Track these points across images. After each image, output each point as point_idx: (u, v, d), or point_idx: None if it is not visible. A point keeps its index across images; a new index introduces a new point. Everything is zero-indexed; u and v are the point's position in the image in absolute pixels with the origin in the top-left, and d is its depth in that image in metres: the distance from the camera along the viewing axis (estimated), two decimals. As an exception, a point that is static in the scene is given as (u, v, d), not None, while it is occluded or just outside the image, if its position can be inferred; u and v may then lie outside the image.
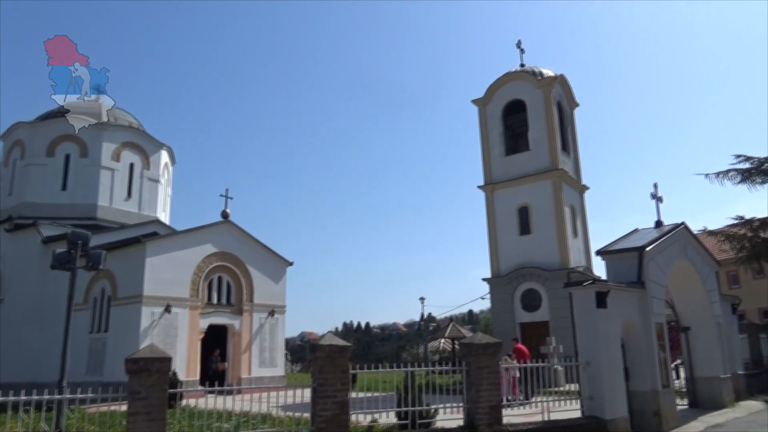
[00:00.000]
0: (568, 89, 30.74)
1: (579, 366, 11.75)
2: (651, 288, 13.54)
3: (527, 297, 26.24)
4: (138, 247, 23.38)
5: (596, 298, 11.89)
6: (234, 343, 25.64)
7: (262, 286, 27.16)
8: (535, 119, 28.14)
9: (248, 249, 27.00)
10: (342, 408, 8.46)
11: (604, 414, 11.25)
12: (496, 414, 9.73)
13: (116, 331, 23.36)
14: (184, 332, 23.54)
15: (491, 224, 28.04)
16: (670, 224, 16.28)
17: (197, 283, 24.49)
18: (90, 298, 25.15)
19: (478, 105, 30.11)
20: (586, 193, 29.94)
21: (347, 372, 8.71)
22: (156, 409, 7.22)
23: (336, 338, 9.02)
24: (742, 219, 29.37)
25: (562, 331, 21.33)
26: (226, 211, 26.39)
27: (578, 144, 30.85)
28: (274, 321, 27.36)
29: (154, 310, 22.73)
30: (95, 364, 23.78)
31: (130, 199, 31.92)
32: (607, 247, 14.46)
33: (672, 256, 15.18)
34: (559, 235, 26.07)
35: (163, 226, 30.72)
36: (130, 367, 7.22)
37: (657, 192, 16.93)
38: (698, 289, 16.50)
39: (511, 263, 26.89)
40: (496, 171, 28.58)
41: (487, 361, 9.92)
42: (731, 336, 18.50)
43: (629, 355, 12.86)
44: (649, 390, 12.62)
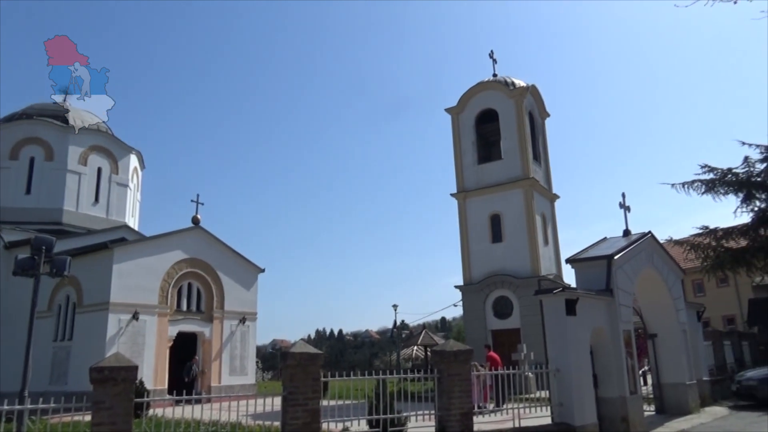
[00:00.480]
0: (540, 99, 31.24)
1: (549, 373, 11.86)
2: (619, 296, 13.77)
3: (499, 304, 26.46)
4: (105, 253, 22.87)
5: (566, 306, 12.03)
6: (204, 351, 25.23)
7: (233, 292, 26.82)
8: (507, 129, 28.50)
9: (219, 255, 26.65)
10: (313, 416, 8.38)
11: (573, 420, 11.37)
12: (467, 421, 9.75)
13: (81, 339, 22.78)
14: (152, 340, 23.07)
15: (463, 232, 28.24)
16: (638, 233, 16.61)
17: (166, 289, 24.05)
18: (54, 305, 24.50)
19: (452, 114, 30.37)
20: (556, 201, 30.40)
21: (318, 380, 8.64)
22: (121, 419, 7.04)
23: (307, 346, 8.93)
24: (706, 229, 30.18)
25: (533, 338, 21.55)
26: (196, 217, 26.02)
27: (549, 153, 31.35)
28: (245, 328, 27.01)
29: (121, 317, 22.24)
30: (59, 373, 23.14)
31: (97, 204, 31.25)
32: (576, 256, 14.67)
33: (639, 265, 15.48)
34: (530, 243, 26.39)
35: (131, 231, 30.12)
36: (94, 376, 7.03)
37: (625, 201, 17.28)
38: (665, 297, 16.84)
39: (483, 271, 27.10)
40: (469, 179, 28.83)
41: (458, 368, 9.95)
42: (696, 343, 18.92)
43: (598, 362, 13.03)
44: (618, 396, 12.80)
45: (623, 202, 17.25)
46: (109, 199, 31.77)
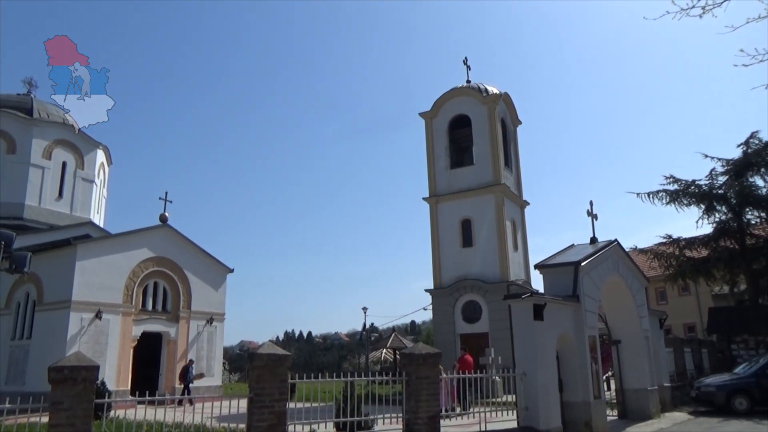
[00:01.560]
0: (512, 107, 31.62)
1: (516, 377, 11.98)
2: (585, 302, 14.00)
3: (468, 308, 26.63)
4: (68, 249, 22.28)
5: (534, 311, 12.18)
6: (168, 352, 24.76)
7: (201, 292, 26.41)
8: (480, 134, 28.75)
9: (187, 254, 26.21)
10: (279, 418, 8.28)
11: (539, 424, 11.50)
12: (434, 424, 9.77)
13: (41, 337, 22.13)
14: (115, 340, 22.55)
15: (434, 236, 28.36)
16: (604, 241, 16.92)
17: (131, 288, 23.55)
18: (12, 302, 23.77)
19: (425, 118, 30.50)
20: (526, 208, 30.78)
21: (286, 381, 8.55)
22: (80, 420, 6.85)
23: (275, 347, 8.84)
24: (670, 238, 30.99)
25: (501, 342, 21.73)
26: (164, 215, 25.56)
27: (520, 160, 31.74)
28: (213, 329, 26.62)
29: (83, 316, 21.68)
30: (16, 372, 22.45)
31: (61, 200, 30.43)
32: (544, 262, 14.87)
33: (605, 272, 15.77)
34: (500, 248, 26.64)
35: (96, 228, 29.37)
36: (53, 376, 6.82)
37: (592, 209, 17.57)
38: (629, 304, 17.18)
39: (452, 275, 27.25)
40: (441, 184, 28.99)
41: (427, 371, 9.96)
42: (658, 349, 19.33)
43: (563, 366, 13.22)
44: (582, 401, 13.00)
45: (591, 210, 17.54)
46: (73, 194, 30.96)
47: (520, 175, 31.31)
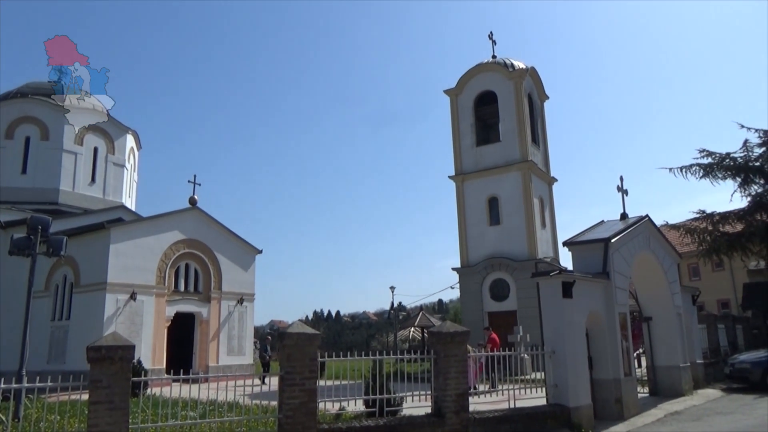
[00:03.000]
0: (539, 82, 31.04)
1: (544, 355, 11.94)
2: (615, 279, 13.82)
3: (496, 287, 26.57)
4: (102, 233, 22.86)
5: (562, 288, 12.06)
6: (201, 331, 25.36)
7: (231, 273, 26.89)
8: (506, 111, 28.36)
9: (216, 236, 26.66)
10: (310, 396, 8.42)
11: (568, 402, 11.47)
12: (463, 402, 9.81)
13: (79, 318, 22.87)
14: (149, 320, 23.18)
15: (461, 214, 28.25)
16: (635, 216, 16.62)
17: (164, 270, 24.10)
18: (51, 285, 24.54)
19: (450, 95, 30.18)
20: (554, 184, 30.38)
21: (315, 360, 8.66)
22: (119, 397, 7.06)
23: (304, 326, 8.95)
24: (703, 213, 30.27)
25: (529, 320, 21.67)
26: (193, 198, 25.98)
27: (547, 136, 31.24)
28: (243, 309, 27.14)
29: (118, 297, 22.31)
30: (57, 352, 23.27)
31: (93, 184, 31.14)
32: (573, 239, 14.68)
33: (636, 248, 15.51)
34: (527, 226, 26.42)
35: (128, 212, 30.06)
36: (91, 356, 7.03)
37: (623, 185, 17.24)
38: (660, 281, 16.91)
39: (480, 253, 27.16)
40: (467, 161, 28.75)
41: (455, 349, 9.99)
42: (691, 326, 19.04)
43: (593, 344, 13.12)
44: (612, 378, 12.90)
45: (621, 186, 17.23)
46: (105, 179, 31.65)
47: (547, 151, 30.85)
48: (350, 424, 9.09)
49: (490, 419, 10.26)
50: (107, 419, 6.93)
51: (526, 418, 10.80)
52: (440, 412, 9.65)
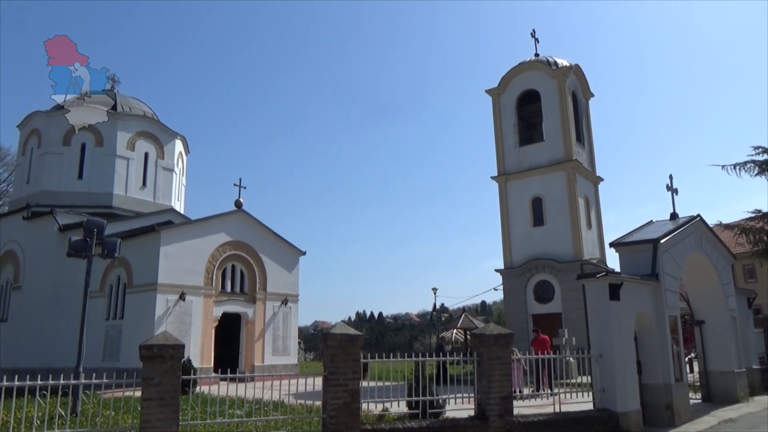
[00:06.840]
0: (583, 79, 30.42)
1: (591, 358, 11.70)
2: (665, 281, 13.41)
3: (540, 288, 26.17)
4: (153, 235, 23.64)
5: (609, 291, 11.80)
6: (247, 332, 25.89)
7: (275, 275, 27.37)
8: (550, 110, 27.91)
9: (261, 238, 27.19)
10: (353, 396, 8.51)
11: (616, 407, 11.21)
12: (507, 405, 9.72)
13: (131, 318, 23.70)
14: (198, 320, 23.83)
15: (504, 215, 27.94)
16: (686, 216, 16.08)
17: (211, 271, 24.73)
18: (106, 285, 25.49)
19: (492, 95, 29.90)
20: (600, 184, 29.70)
21: (358, 361, 8.75)
22: (169, 395, 7.32)
23: (348, 327, 9.05)
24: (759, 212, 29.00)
25: (575, 323, 21.26)
26: (239, 201, 26.58)
27: (593, 135, 30.57)
28: (287, 310, 27.57)
29: (168, 297, 23.01)
30: (111, 350, 24.16)
31: (144, 188, 32.22)
32: (621, 239, 14.33)
33: (687, 249, 15.01)
34: (572, 226, 25.93)
35: (177, 215, 31.02)
36: (144, 354, 7.31)
37: (672, 184, 16.72)
38: (713, 283, 16.32)
39: (524, 254, 26.80)
40: (510, 162, 28.43)
41: (498, 351, 9.90)
42: (746, 330, 18.30)
43: (642, 348, 12.77)
44: (662, 383, 12.53)
45: (670, 185, 16.70)
46: (155, 183, 32.72)
47: (593, 149, 30.20)
48: (393, 425, 9.13)
49: (534, 423, 10.13)
50: (159, 415, 7.19)
51: (572, 422, 10.61)
52: (484, 415, 9.59)
